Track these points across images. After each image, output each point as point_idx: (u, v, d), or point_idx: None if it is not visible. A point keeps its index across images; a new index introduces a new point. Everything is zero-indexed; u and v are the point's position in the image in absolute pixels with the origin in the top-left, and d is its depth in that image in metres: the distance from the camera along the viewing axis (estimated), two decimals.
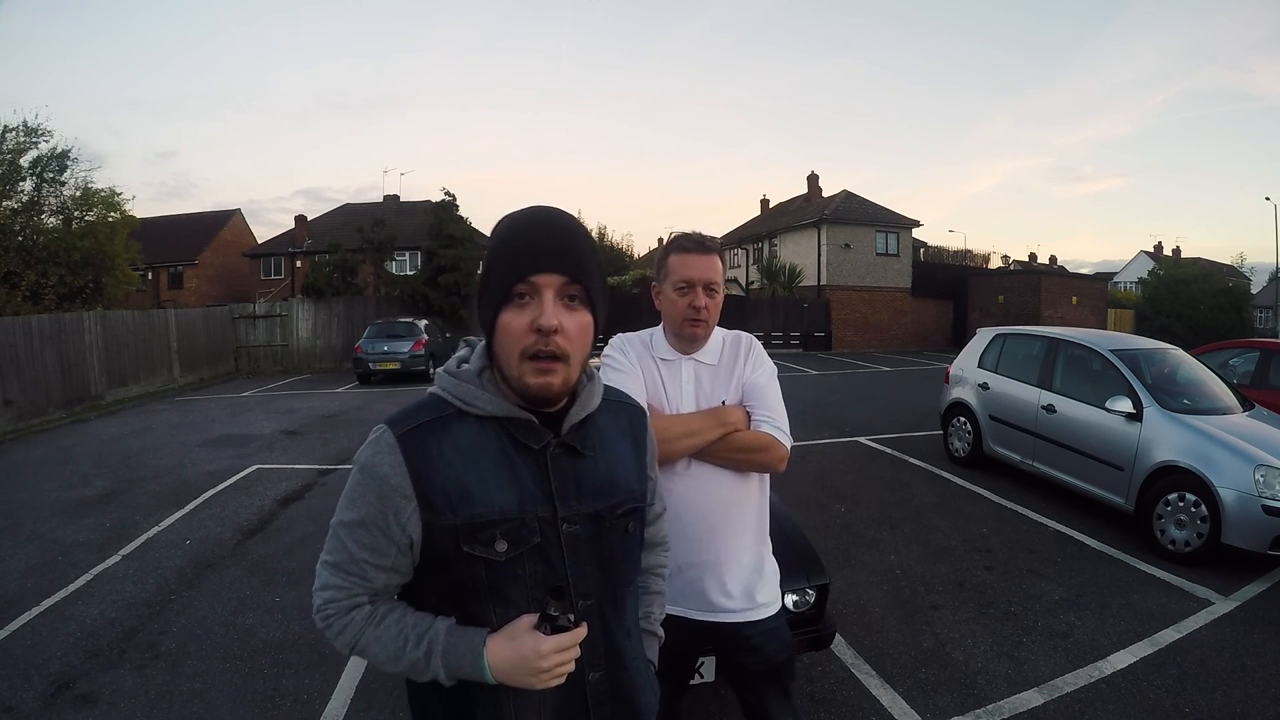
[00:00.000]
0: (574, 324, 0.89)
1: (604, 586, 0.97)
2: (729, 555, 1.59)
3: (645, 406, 1.20)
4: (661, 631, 1.21)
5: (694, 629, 1.60)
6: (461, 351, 1.01)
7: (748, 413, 1.59)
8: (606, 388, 1.05)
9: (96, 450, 7.88)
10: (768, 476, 1.67)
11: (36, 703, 2.79)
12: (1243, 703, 2.76)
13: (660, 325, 1.69)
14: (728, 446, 1.55)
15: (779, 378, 1.69)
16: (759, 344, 1.70)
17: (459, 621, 0.91)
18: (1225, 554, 4.02)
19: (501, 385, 0.93)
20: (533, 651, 0.86)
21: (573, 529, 0.94)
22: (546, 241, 0.88)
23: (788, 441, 1.58)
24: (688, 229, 1.67)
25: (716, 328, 1.69)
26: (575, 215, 0.96)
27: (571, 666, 0.90)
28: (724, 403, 1.60)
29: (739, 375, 1.63)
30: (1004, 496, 5.53)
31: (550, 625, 0.87)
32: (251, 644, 3.27)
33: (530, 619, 0.89)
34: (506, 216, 0.94)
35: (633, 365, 1.63)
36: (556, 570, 0.92)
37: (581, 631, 0.89)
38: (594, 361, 1.67)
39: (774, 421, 1.58)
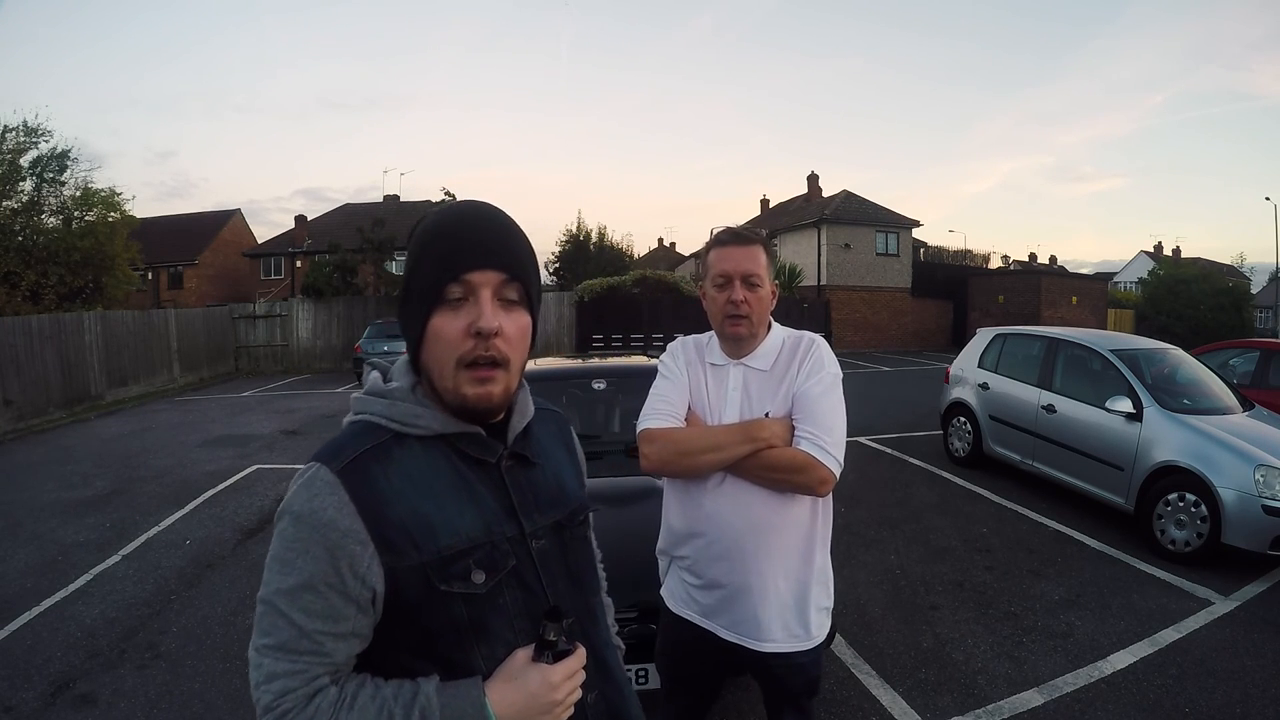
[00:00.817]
0: (513, 326, 0.81)
1: (578, 601, 0.92)
2: (763, 581, 1.46)
3: (564, 412, 1.13)
4: (623, 644, 1.15)
5: (721, 647, 1.51)
6: (372, 375, 0.89)
7: (792, 426, 1.44)
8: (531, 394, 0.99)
9: (96, 450, 7.88)
10: (827, 499, 1.50)
11: (36, 703, 2.80)
12: (1243, 703, 2.76)
13: None
14: (759, 464, 1.41)
15: None
16: (823, 347, 1.52)
17: (442, 677, 0.78)
18: (1225, 554, 4.02)
19: (434, 400, 0.83)
20: (542, 686, 0.77)
21: (540, 544, 0.87)
22: (480, 236, 0.80)
23: (833, 463, 1.39)
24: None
25: (781, 328, 1.58)
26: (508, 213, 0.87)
27: (579, 692, 0.82)
28: (767, 414, 1.46)
29: (789, 383, 1.47)
30: (1004, 496, 5.53)
31: (551, 653, 0.79)
32: None
33: (526, 653, 0.79)
34: (430, 213, 0.85)
35: (680, 372, 1.56)
36: (534, 592, 0.84)
37: (583, 652, 0.82)
38: (641, 359, 1.63)
39: (816, 439, 1.39)
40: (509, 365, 0.81)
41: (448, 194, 19.10)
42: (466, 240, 0.80)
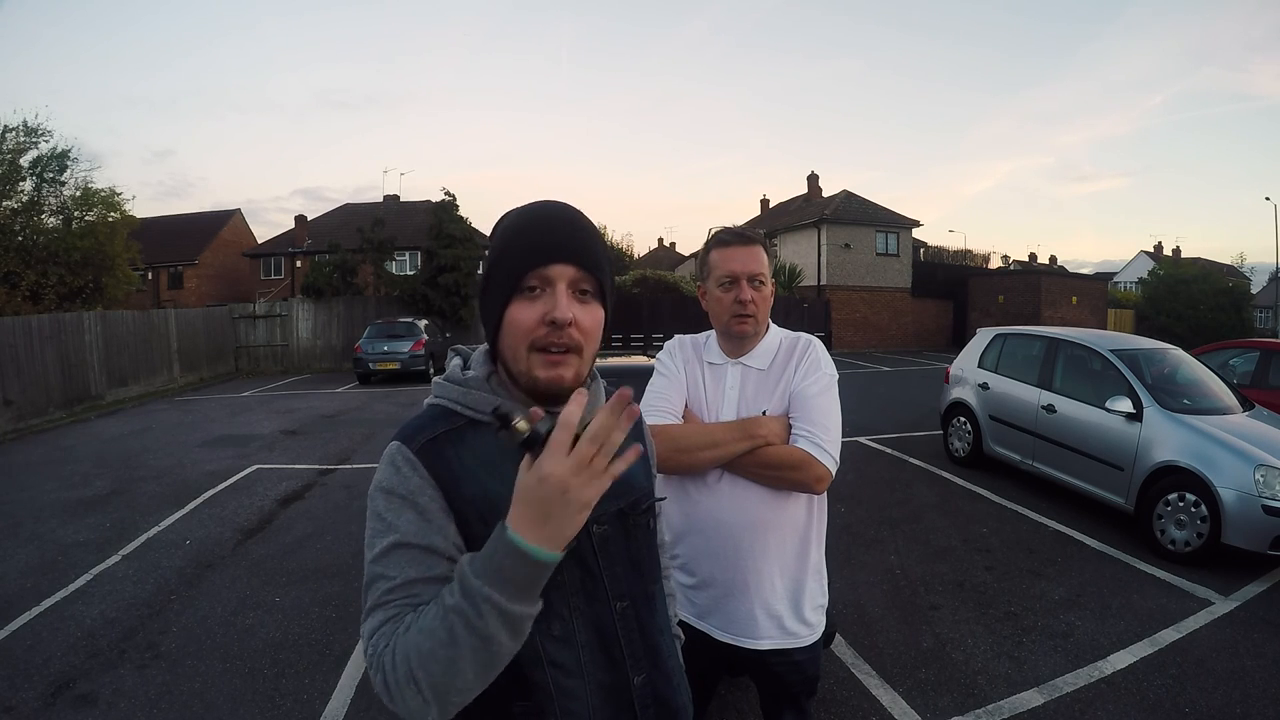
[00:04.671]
0: (587, 317, 0.86)
1: (636, 586, 0.95)
2: (759, 578, 1.46)
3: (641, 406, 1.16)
4: (682, 633, 1.19)
5: (717, 649, 1.51)
6: (455, 361, 0.96)
7: (789, 425, 1.45)
8: (605, 387, 1.04)
9: (96, 450, 7.88)
10: (823, 497, 1.51)
11: (36, 703, 2.79)
12: (1243, 703, 2.76)
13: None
14: (756, 461, 1.42)
15: None
16: (820, 348, 1.53)
17: None
18: (1225, 554, 4.02)
19: (510, 387, 0.90)
20: (535, 481, 0.69)
21: (602, 530, 0.91)
22: (558, 233, 0.86)
23: (829, 461, 1.41)
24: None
25: (778, 329, 1.60)
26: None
27: (602, 460, 0.69)
28: (765, 412, 1.47)
29: (786, 382, 1.48)
30: (1004, 496, 5.53)
31: (524, 441, 0.69)
32: (251, 644, 3.27)
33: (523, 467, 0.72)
34: (512, 210, 0.91)
35: (677, 370, 1.57)
36: (593, 573, 0.90)
37: (567, 421, 0.69)
38: (641, 359, 1.65)
39: (813, 437, 1.41)
40: (581, 353, 0.86)
41: (447, 194, 19.11)
42: (545, 236, 0.85)
